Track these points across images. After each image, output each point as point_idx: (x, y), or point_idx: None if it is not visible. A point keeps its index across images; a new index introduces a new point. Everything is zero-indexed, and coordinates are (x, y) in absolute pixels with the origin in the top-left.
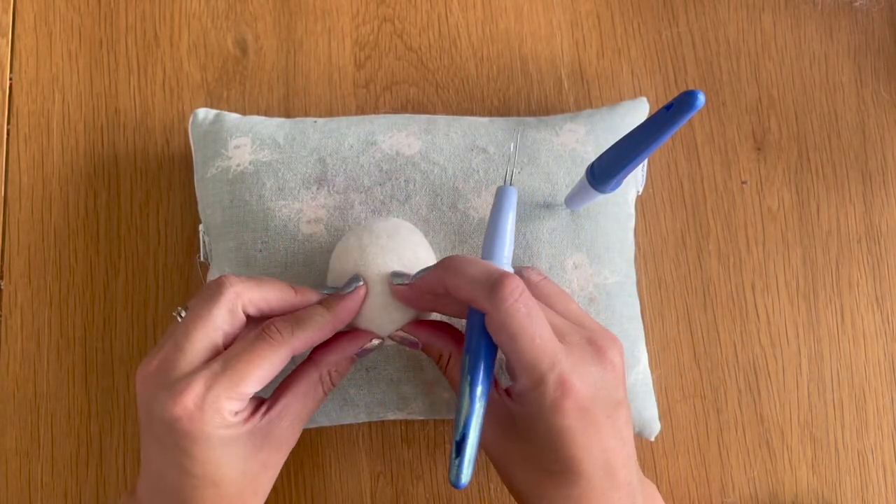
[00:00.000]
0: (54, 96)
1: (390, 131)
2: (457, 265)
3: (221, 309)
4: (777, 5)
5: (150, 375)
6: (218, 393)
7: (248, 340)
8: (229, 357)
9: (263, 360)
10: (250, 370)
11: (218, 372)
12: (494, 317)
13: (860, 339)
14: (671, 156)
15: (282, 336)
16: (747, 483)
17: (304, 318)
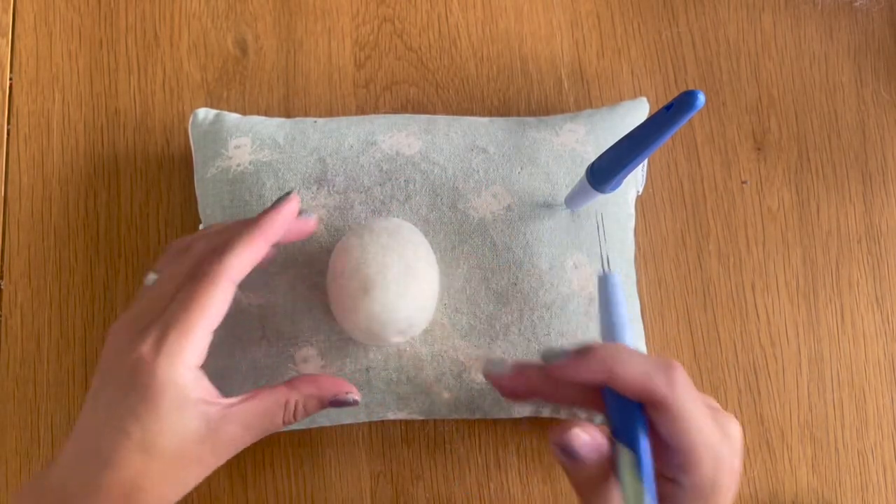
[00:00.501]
0: (54, 96)
1: (390, 131)
2: (623, 354)
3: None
4: (777, 5)
5: (117, 330)
6: (171, 343)
7: (185, 283)
8: (175, 304)
9: (203, 299)
10: (196, 313)
11: (166, 320)
12: (672, 405)
13: (860, 339)
14: (671, 156)
15: (212, 268)
16: (747, 483)
17: (228, 241)
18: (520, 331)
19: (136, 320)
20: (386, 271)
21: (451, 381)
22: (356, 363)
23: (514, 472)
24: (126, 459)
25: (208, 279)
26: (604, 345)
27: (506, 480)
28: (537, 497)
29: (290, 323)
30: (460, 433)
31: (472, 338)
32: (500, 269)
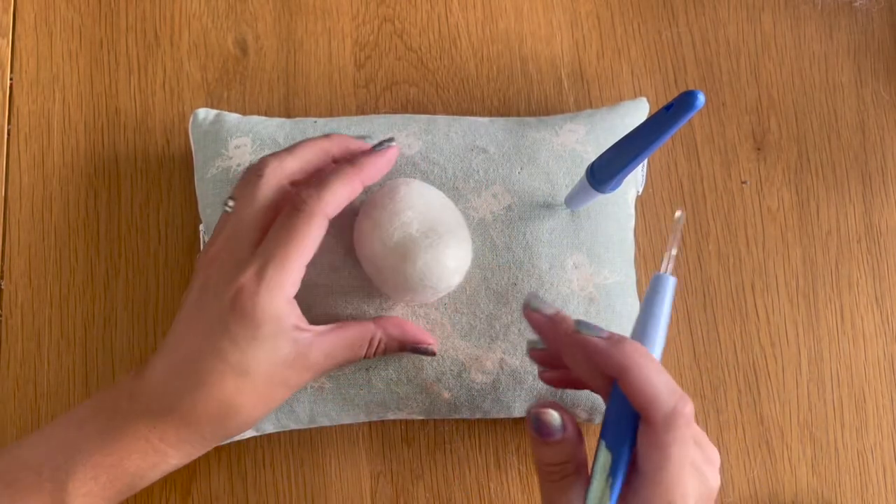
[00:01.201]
0: (54, 96)
1: (390, 131)
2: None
3: (264, 189)
4: (777, 5)
5: (212, 260)
6: (270, 276)
7: (282, 221)
8: (271, 239)
9: (302, 233)
10: (293, 247)
11: (264, 254)
12: (662, 438)
13: (860, 338)
14: (671, 156)
15: (310, 204)
16: (747, 483)
17: (329, 178)
18: (520, 331)
19: (229, 250)
20: (441, 224)
21: (451, 381)
22: (356, 363)
23: (514, 472)
24: (222, 381)
25: (305, 215)
26: (634, 344)
27: (506, 480)
28: (537, 497)
29: None
30: (460, 433)
31: (472, 338)
32: (500, 269)
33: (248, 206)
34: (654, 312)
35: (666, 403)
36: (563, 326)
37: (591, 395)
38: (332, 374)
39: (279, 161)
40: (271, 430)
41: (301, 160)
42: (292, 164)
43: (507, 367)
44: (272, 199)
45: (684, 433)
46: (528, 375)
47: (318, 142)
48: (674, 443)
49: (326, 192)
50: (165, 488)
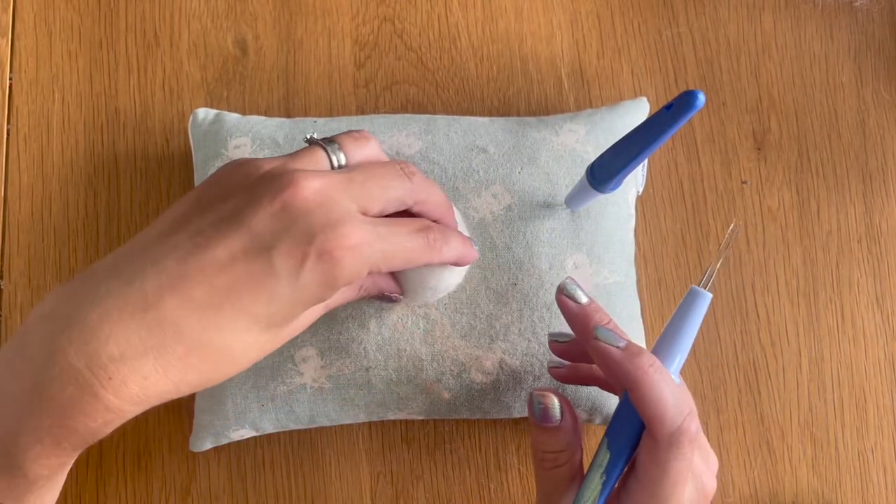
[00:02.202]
0: (54, 96)
1: (390, 131)
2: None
3: (403, 192)
4: (777, 5)
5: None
6: (376, 252)
7: (413, 229)
8: (394, 230)
9: (414, 254)
10: (404, 256)
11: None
12: (663, 454)
13: (860, 338)
14: (671, 156)
15: (435, 247)
16: (747, 483)
17: (452, 238)
18: (520, 331)
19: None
20: None
21: (451, 381)
22: (356, 363)
23: (514, 472)
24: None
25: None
26: (650, 358)
27: (506, 480)
28: None
29: None
30: (460, 433)
31: (472, 338)
32: (500, 269)
33: (382, 191)
34: (682, 326)
35: (672, 422)
36: (594, 318)
37: (591, 396)
38: (331, 375)
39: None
40: (271, 431)
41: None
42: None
43: (507, 368)
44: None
45: (686, 451)
46: (528, 376)
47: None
48: (674, 459)
49: (447, 250)
50: (165, 488)
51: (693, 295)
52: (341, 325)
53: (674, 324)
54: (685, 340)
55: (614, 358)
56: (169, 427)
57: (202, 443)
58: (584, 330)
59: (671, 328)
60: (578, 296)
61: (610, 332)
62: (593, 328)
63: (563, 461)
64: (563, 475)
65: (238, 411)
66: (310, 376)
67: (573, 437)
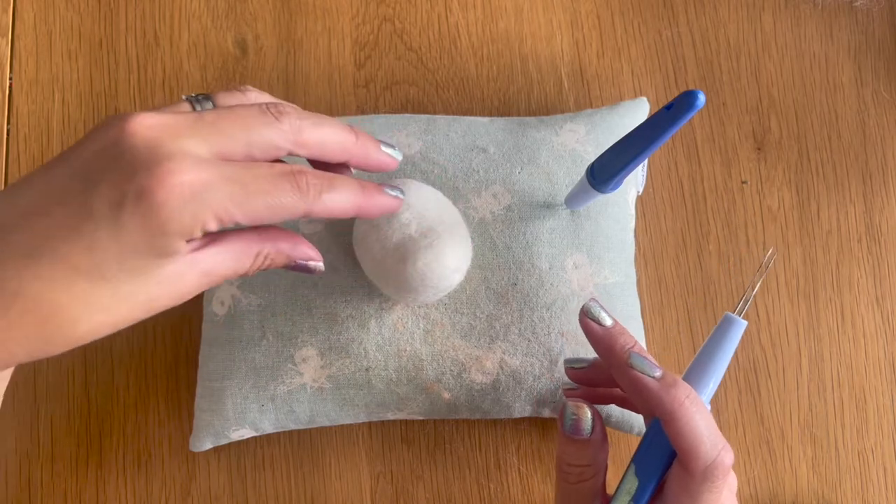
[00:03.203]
0: (54, 96)
1: (390, 131)
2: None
3: (268, 135)
4: (777, 5)
5: (149, 127)
6: (217, 197)
7: (275, 171)
8: (246, 171)
9: (281, 200)
10: (263, 200)
11: (229, 176)
12: (697, 487)
13: (860, 338)
14: (671, 156)
15: (309, 193)
16: (747, 483)
17: (339, 185)
18: (520, 331)
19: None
20: (440, 223)
21: (451, 381)
22: (356, 363)
23: (514, 472)
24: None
25: (298, 199)
26: (686, 389)
27: (506, 480)
28: (537, 497)
29: (290, 323)
30: (460, 433)
31: (472, 338)
32: (500, 269)
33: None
34: (716, 354)
35: (707, 455)
36: (620, 341)
37: None
38: (331, 375)
39: (302, 123)
40: (271, 431)
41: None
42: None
43: (507, 368)
44: (267, 151)
45: (719, 484)
46: (528, 376)
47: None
48: (707, 492)
49: (329, 195)
50: (165, 488)
51: (728, 322)
52: (341, 325)
53: (707, 351)
54: (719, 369)
55: (650, 388)
56: (169, 427)
57: (202, 443)
58: (610, 353)
59: (705, 355)
60: (603, 318)
61: (644, 360)
62: (626, 356)
63: (589, 476)
64: (586, 490)
65: (238, 411)
66: (310, 376)
67: (601, 452)
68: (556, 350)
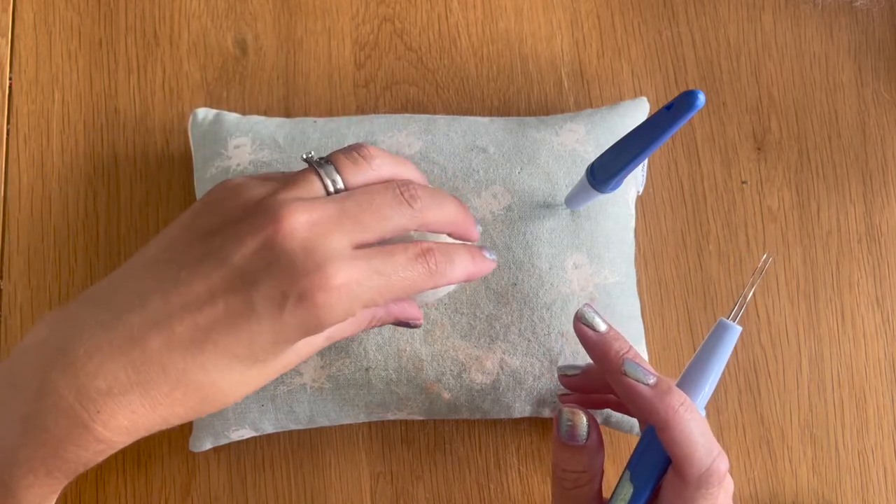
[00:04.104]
0: (54, 96)
1: (390, 131)
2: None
3: (403, 223)
4: (777, 5)
5: (301, 225)
6: (367, 290)
7: (409, 257)
8: (388, 263)
9: (415, 284)
10: (401, 288)
11: (376, 270)
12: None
13: (860, 338)
14: (671, 156)
15: (437, 272)
16: (747, 483)
17: (457, 258)
18: (520, 331)
19: (321, 231)
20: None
21: (451, 381)
22: (356, 363)
23: (514, 472)
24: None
25: (431, 273)
26: (680, 396)
27: (506, 480)
28: (537, 497)
29: None
30: (460, 433)
31: (472, 338)
32: (500, 269)
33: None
34: (710, 361)
35: (701, 463)
36: (614, 347)
37: None
38: (331, 375)
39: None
40: (271, 431)
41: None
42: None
43: (507, 368)
44: (399, 233)
45: (714, 490)
46: (528, 376)
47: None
48: (702, 498)
49: (452, 271)
50: (165, 488)
51: (722, 328)
52: None
53: (702, 357)
54: (713, 374)
55: (644, 396)
56: None
57: (202, 443)
58: (604, 359)
59: (699, 361)
60: (597, 323)
61: (638, 367)
62: (621, 362)
63: (584, 482)
64: (582, 496)
65: (238, 411)
66: (309, 376)
67: (596, 458)
68: (556, 350)
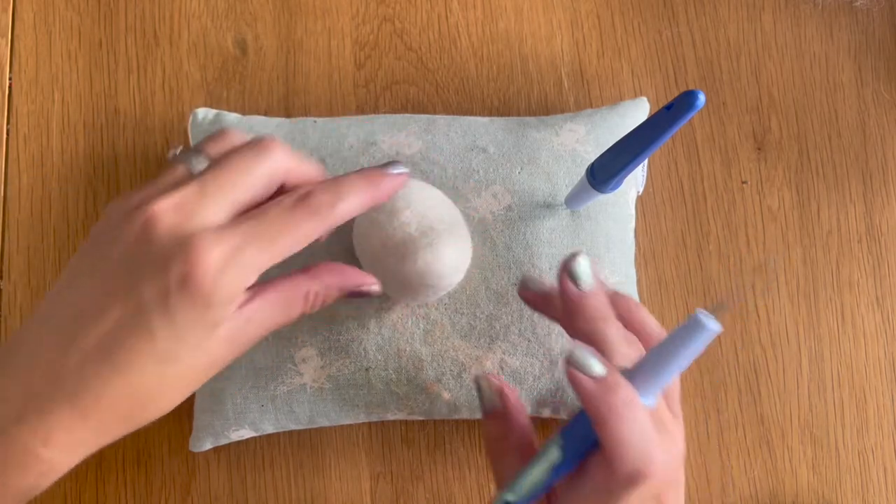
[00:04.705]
0: (54, 96)
1: (390, 131)
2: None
3: (265, 168)
4: (777, 5)
5: (166, 213)
6: (246, 257)
7: (286, 206)
8: (261, 219)
9: (301, 229)
10: (284, 238)
11: (248, 232)
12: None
13: (860, 338)
14: (671, 156)
15: (322, 211)
16: (747, 483)
17: (347, 188)
18: (520, 331)
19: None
20: (440, 222)
21: (451, 382)
22: (356, 363)
23: None
24: (145, 368)
25: (316, 217)
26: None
27: None
28: None
29: None
30: (460, 433)
31: (472, 338)
32: (500, 268)
33: (235, 173)
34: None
35: (632, 464)
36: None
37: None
38: (331, 375)
39: (288, 155)
40: (271, 431)
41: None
42: (295, 165)
43: (507, 368)
44: (263, 182)
45: (643, 490)
46: (529, 376)
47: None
48: (627, 494)
49: (342, 203)
50: (165, 488)
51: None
52: (341, 325)
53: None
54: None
55: (585, 389)
56: (169, 427)
57: (202, 443)
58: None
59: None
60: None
61: (588, 356)
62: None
63: (508, 447)
64: (505, 459)
65: (238, 412)
66: (309, 376)
67: (513, 421)
68: (556, 350)
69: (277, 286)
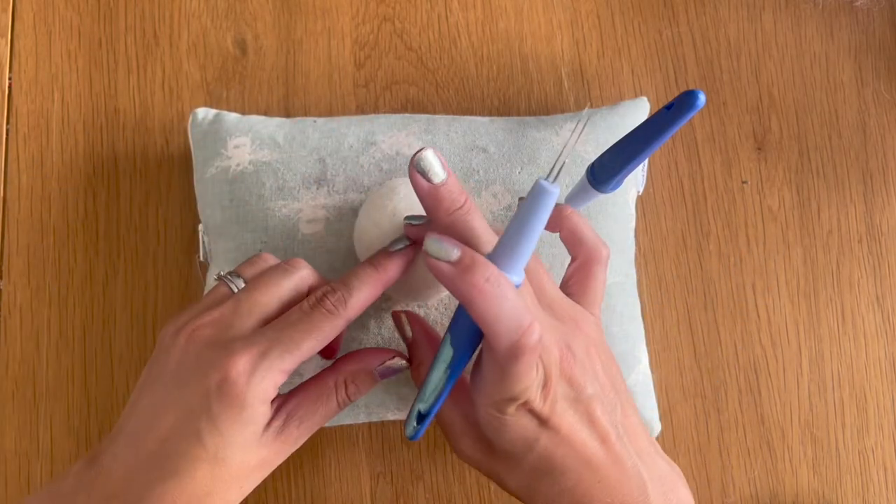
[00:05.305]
0: (53, 96)
1: (390, 131)
2: (488, 292)
3: (291, 283)
4: (777, 5)
5: (206, 328)
6: (272, 359)
7: (303, 310)
8: (284, 325)
9: (319, 330)
10: (305, 339)
11: (273, 338)
12: (501, 362)
13: (861, 338)
14: (671, 156)
15: (338, 308)
16: (748, 483)
17: (354, 282)
18: None
19: (225, 325)
20: None
21: None
22: None
23: None
24: (197, 470)
25: (332, 315)
26: (484, 272)
27: None
28: None
29: None
30: None
31: None
32: None
33: (270, 292)
34: (528, 225)
35: (508, 337)
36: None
37: None
38: None
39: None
40: None
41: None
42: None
43: None
44: (290, 294)
45: (528, 359)
46: None
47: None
48: (515, 367)
49: (354, 300)
50: None
51: (541, 191)
52: None
53: (519, 222)
54: (531, 241)
55: (445, 275)
56: None
57: None
58: (432, 214)
59: (515, 228)
60: (434, 172)
61: (441, 242)
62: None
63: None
64: None
65: None
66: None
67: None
68: None
69: (307, 384)
